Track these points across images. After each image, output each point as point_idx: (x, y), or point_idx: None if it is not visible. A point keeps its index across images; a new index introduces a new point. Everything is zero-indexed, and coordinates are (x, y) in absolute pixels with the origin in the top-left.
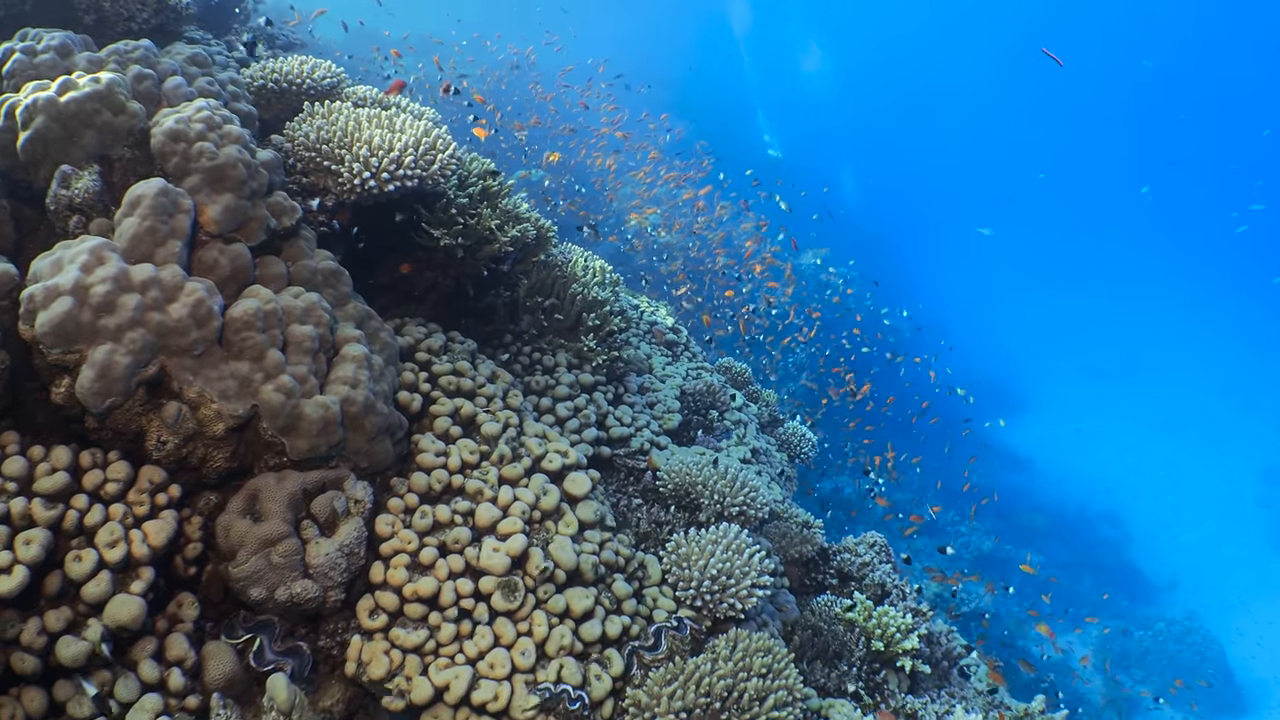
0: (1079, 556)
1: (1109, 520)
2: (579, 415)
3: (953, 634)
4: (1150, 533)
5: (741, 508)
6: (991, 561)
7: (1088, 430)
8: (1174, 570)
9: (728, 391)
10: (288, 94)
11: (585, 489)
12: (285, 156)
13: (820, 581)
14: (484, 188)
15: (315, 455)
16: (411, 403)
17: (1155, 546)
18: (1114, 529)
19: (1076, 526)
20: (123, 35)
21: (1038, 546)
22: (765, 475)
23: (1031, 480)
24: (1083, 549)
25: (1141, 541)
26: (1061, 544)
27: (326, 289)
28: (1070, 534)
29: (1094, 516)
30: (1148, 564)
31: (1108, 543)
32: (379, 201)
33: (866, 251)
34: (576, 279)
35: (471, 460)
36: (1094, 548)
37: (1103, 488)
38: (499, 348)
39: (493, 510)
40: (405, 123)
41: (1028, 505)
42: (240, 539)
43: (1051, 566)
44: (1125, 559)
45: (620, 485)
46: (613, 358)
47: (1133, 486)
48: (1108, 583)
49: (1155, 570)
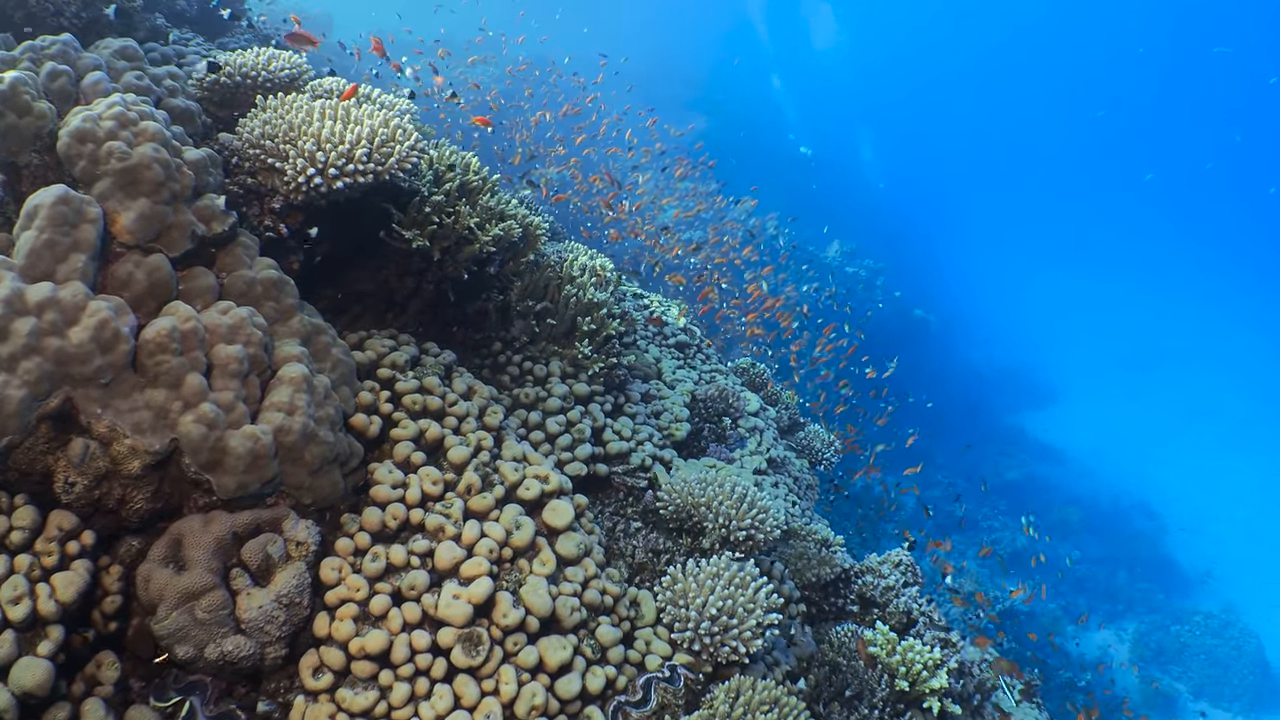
0: (1114, 550)
1: (1144, 512)
2: (572, 430)
3: (984, 662)
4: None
5: (750, 531)
6: (1025, 558)
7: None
8: (1210, 561)
9: (743, 395)
10: (242, 88)
11: (567, 519)
12: (229, 156)
13: (840, 607)
14: (462, 183)
15: (246, 493)
16: (369, 427)
17: (1191, 537)
18: (1149, 521)
19: (1111, 519)
20: (53, 31)
21: (1073, 541)
22: (782, 487)
23: (1065, 473)
24: (1118, 542)
25: (1177, 533)
26: (1096, 538)
27: (267, 301)
28: (1105, 527)
29: (1129, 508)
30: (1184, 556)
31: (1143, 535)
32: (338, 201)
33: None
34: (571, 280)
35: (434, 491)
36: (1129, 540)
37: (1137, 479)
38: (487, 357)
39: (455, 550)
40: (364, 114)
41: (1061, 499)
42: (160, 591)
43: (1086, 561)
44: (1161, 551)
45: (618, 507)
46: (611, 365)
47: (1167, 477)
48: (1143, 576)
49: (1191, 562)
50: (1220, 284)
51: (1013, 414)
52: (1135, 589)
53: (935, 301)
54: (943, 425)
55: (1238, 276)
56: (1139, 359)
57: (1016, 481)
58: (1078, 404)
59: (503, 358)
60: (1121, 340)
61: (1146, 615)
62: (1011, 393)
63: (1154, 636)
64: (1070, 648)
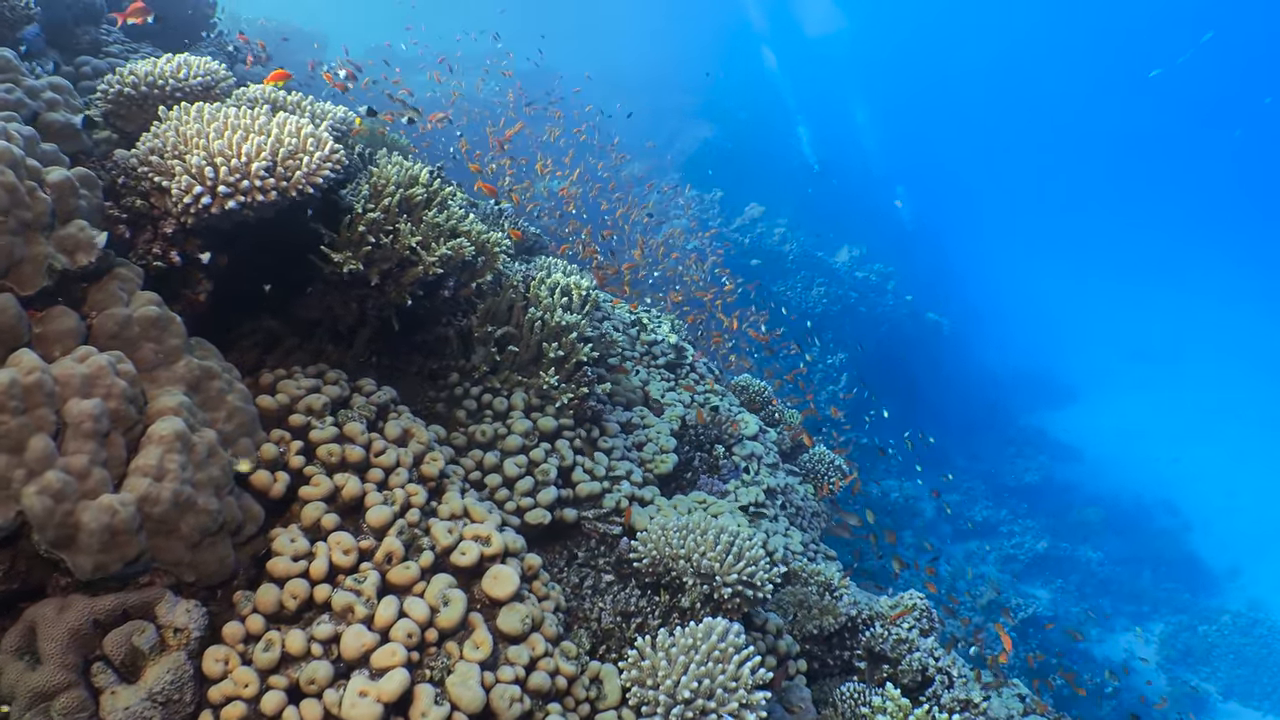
0: (1138, 550)
1: (1167, 509)
2: (535, 472)
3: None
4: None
5: (737, 589)
6: (1047, 562)
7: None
8: (1235, 558)
9: (739, 419)
10: (149, 99)
11: (510, 588)
12: (117, 175)
13: (846, 661)
14: (404, 198)
15: (108, 574)
16: (272, 485)
17: (1216, 534)
18: (1172, 518)
19: (1134, 517)
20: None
21: (1095, 542)
22: (782, 520)
23: (1084, 472)
24: (1141, 541)
25: (1201, 529)
26: (1119, 537)
27: (145, 343)
28: (1128, 526)
29: (1151, 506)
30: (1209, 553)
31: (1167, 533)
32: (247, 222)
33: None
34: (538, 301)
35: (345, 562)
36: (1153, 539)
37: (1158, 476)
38: (443, 389)
39: (364, 635)
40: (277, 123)
41: (1081, 499)
42: (12, 689)
43: (1110, 562)
44: (1186, 549)
45: (589, 557)
46: (582, 395)
47: (1189, 473)
48: (1168, 576)
49: (1216, 559)
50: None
51: (1030, 414)
52: (1160, 589)
53: (948, 304)
54: (960, 428)
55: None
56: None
57: (1036, 483)
58: (1097, 402)
59: (459, 390)
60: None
61: (1172, 616)
62: (1029, 393)
63: (1181, 637)
64: (1096, 652)
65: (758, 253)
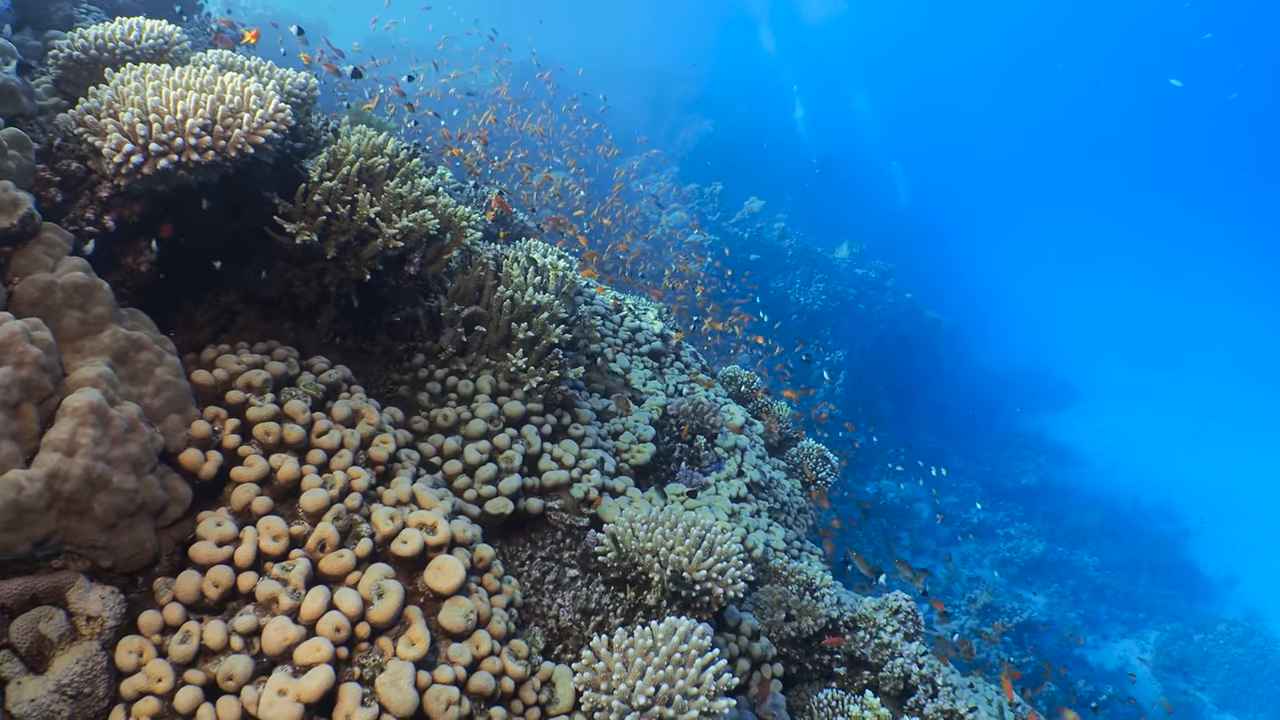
0: (1135, 555)
1: (1165, 515)
2: (499, 458)
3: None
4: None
5: (706, 585)
6: (1043, 566)
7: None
8: (1233, 566)
9: (723, 410)
10: (100, 63)
11: (454, 580)
12: (53, 138)
13: (825, 665)
14: (365, 168)
15: (15, 555)
16: (202, 466)
17: (1214, 541)
18: (1171, 524)
19: (1132, 522)
20: None
21: (1092, 547)
22: (765, 516)
23: (1082, 475)
24: (1139, 547)
25: (1199, 536)
26: (1116, 542)
27: (70, 311)
28: (1125, 531)
29: (1149, 511)
30: (1206, 560)
31: (1165, 539)
32: (188, 186)
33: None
34: (510, 280)
35: (274, 549)
36: (1150, 545)
37: (1157, 481)
38: (408, 371)
39: (287, 628)
40: (221, 82)
41: (1079, 502)
42: None
43: (1106, 567)
44: (1183, 556)
45: (553, 550)
46: (553, 379)
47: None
48: (1165, 582)
49: (1214, 567)
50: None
51: (1030, 416)
52: (1156, 596)
53: (949, 303)
54: (958, 429)
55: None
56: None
57: (1033, 486)
58: (1097, 405)
59: (423, 372)
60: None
61: (1168, 623)
62: (1028, 394)
63: (1176, 645)
64: (1090, 658)
65: (757, 247)
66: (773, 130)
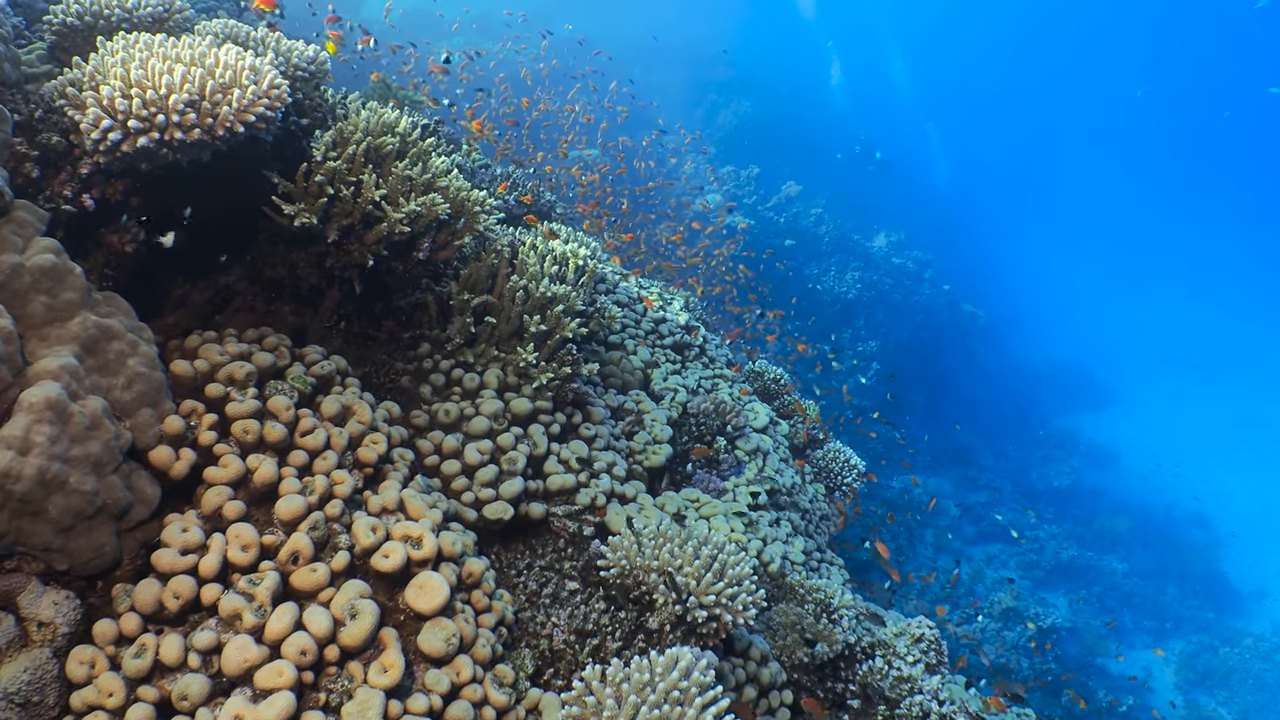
0: (1165, 563)
1: (1198, 523)
2: (501, 460)
3: None
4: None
5: (715, 611)
6: (1071, 571)
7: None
8: (1264, 579)
9: (746, 409)
10: (94, 30)
11: (438, 600)
12: (35, 110)
13: (839, 695)
14: (372, 147)
15: None
16: (173, 464)
17: (1246, 553)
18: (1203, 533)
19: (1163, 529)
20: None
21: (1121, 553)
22: (785, 525)
23: (1115, 479)
24: (1169, 555)
25: (1231, 547)
26: (1146, 550)
27: (36, 296)
28: (1156, 538)
29: (1181, 519)
30: (1237, 572)
31: (1196, 548)
32: (177, 165)
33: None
34: (525, 269)
35: (242, 560)
36: (1181, 554)
37: (1193, 488)
38: (412, 361)
39: (249, 648)
40: (214, 55)
41: (1110, 507)
42: None
43: (1134, 575)
44: (1214, 566)
45: (554, 560)
46: (565, 375)
47: (1225, 487)
48: (1193, 593)
49: (1245, 578)
50: None
51: (1065, 415)
52: (1185, 606)
53: (987, 296)
54: (991, 426)
55: None
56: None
57: (1065, 488)
58: (1135, 407)
59: (428, 363)
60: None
61: (1194, 635)
62: (1065, 393)
63: (1202, 658)
64: (1112, 667)
65: (793, 233)
66: (812, 108)
